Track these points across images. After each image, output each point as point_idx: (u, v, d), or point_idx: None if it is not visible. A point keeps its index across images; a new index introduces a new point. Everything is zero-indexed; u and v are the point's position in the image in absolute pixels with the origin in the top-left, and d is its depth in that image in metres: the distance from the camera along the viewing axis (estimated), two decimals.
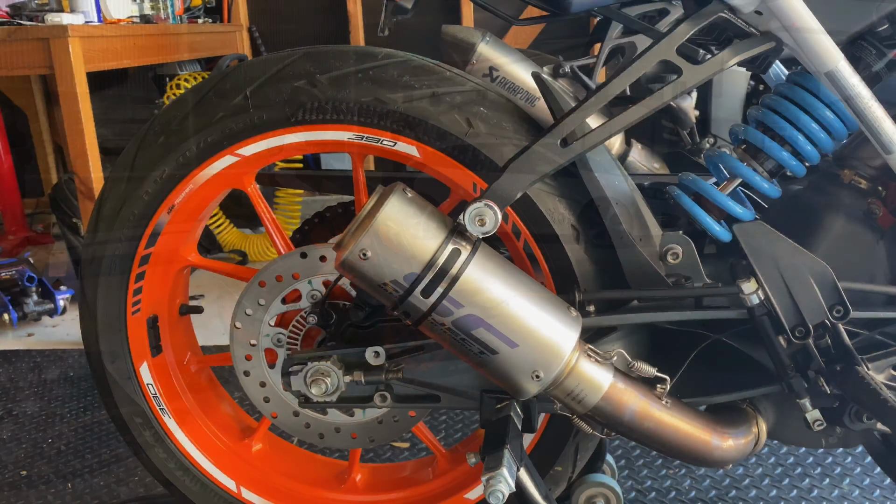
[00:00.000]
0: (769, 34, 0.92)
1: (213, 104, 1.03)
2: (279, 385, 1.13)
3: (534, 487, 0.98)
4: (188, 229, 1.15)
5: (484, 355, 0.88)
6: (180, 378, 1.22)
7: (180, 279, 1.22)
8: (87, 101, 2.20)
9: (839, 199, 1.04)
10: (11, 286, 2.48)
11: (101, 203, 1.10)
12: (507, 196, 0.91)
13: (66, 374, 2.17)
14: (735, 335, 1.01)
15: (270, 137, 1.03)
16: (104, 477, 1.64)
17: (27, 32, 2.14)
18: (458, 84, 1.00)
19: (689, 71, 0.92)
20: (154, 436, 1.19)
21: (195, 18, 3.30)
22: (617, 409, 0.92)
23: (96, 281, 1.11)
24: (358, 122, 1.01)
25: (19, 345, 2.39)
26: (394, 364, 1.01)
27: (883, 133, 0.90)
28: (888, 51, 0.96)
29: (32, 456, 1.74)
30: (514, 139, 1.00)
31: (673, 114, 1.68)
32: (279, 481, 1.24)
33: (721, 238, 1.01)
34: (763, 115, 1.01)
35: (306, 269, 1.07)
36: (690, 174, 1.06)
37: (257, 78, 1.02)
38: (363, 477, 1.26)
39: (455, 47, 1.40)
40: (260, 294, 1.09)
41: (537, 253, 1.03)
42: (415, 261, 0.85)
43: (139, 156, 1.07)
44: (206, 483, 1.21)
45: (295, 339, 1.11)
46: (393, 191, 0.87)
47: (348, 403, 1.05)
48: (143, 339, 1.16)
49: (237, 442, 1.24)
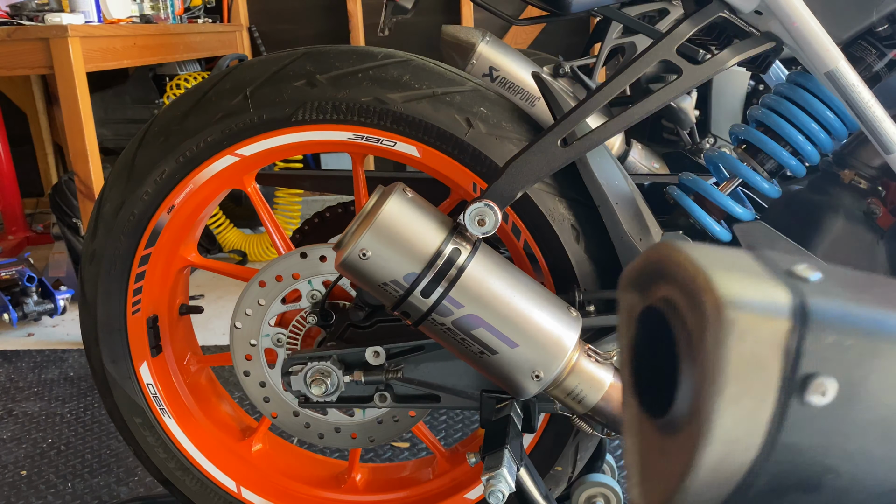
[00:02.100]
0: (769, 34, 0.92)
1: (213, 104, 1.04)
2: (279, 385, 1.13)
3: (534, 487, 0.98)
4: (188, 229, 1.15)
5: (484, 355, 0.88)
6: (180, 378, 1.22)
7: (180, 279, 1.22)
8: (87, 101, 2.20)
9: (839, 199, 1.04)
10: (11, 286, 2.48)
11: (101, 203, 1.10)
12: (507, 196, 0.91)
13: (66, 374, 2.17)
14: None
15: (270, 137, 1.03)
16: (104, 477, 1.64)
17: (27, 32, 2.14)
18: (458, 84, 1.01)
19: (689, 71, 0.92)
20: (154, 436, 1.19)
21: (195, 18, 3.30)
22: (617, 408, 0.92)
23: (96, 281, 1.11)
24: (358, 122, 1.01)
25: (19, 345, 2.39)
26: (394, 364, 1.01)
27: (883, 133, 0.90)
28: (888, 51, 0.96)
29: (32, 456, 1.74)
30: (514, 139, 1.00)
31: (673, 114, 1.68)
32: (279, 481, 1.24)
33: (721, 238, 1.01)
34: (763, 115, 1.01)
35: (306, 269, 1.07)
36: (690, 174, 1.06)
37: (257, 78, 1.02)
38: (363, 477, 1.26)
39: (455, 47, 1.40)
40: (260, 294, 1.09)
41: (537, 253, 1.03)
42: (415, 261, 0.85)
43: (139, 156, 1.07)
44: (206, 483, 1.21)
45: (295, 339, 1.11)
46: (393, 191, 0.87)
47: (348, 403, 1.05)
48: (143, 339, 1.16)
49: (237, 442, 1.24)
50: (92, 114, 2.24)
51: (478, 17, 3.39)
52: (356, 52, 1.02)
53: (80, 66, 2.17)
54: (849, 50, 0.95)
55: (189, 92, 1.06)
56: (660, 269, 0.41)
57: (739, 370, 0.35)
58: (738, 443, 0.36)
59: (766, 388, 0.36)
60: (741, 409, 0.35)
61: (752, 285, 0.36)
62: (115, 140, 3.21)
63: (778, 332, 0.35)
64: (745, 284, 0.36)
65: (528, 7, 1.01)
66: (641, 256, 0.43)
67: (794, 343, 0.35)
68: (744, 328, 0.35)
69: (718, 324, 0.35)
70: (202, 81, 1.07)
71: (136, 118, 3.17)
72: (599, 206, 0.98)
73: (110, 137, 3.20)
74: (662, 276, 0.41)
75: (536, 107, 1.36)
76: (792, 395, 0.36)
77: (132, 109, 3.20)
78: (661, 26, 1.70)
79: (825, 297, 0.37)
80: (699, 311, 0.36)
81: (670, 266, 0.39)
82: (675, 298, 0.39)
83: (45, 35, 2.13)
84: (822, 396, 0.36)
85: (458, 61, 1.39)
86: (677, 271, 0.39)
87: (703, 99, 1.80)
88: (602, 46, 1.75)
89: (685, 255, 0.38)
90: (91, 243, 1.11)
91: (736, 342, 0.35)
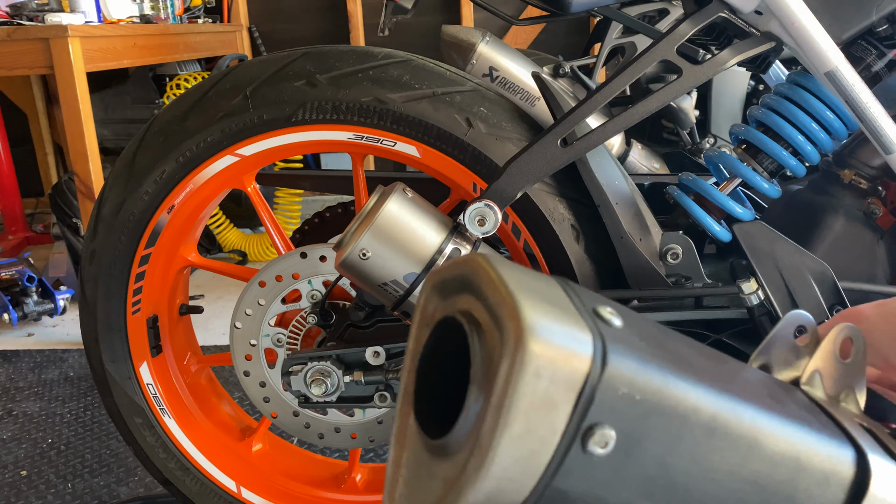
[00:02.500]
0: (769, 34, 0.92)
1: (213, 104, 1.04)
2: (279, 385, 1.13)
3: None
4: (188, 229, 1.15)
5: None
6: (180, 378, 1.22)
7: (180, 279, 1.22)
8: (87, 101, 2.20)
9: (839, 199, 1.04)
10: (11, 286, 2.48)
11: (100, 203, 1.10)
12: (507, 196, 0.91)
13: (66, 374, 2.17)
14: (735, 335, 1.01)
15: (270, 137, 1.03)
16: (104, 477, 1.64)
17: (27, 32, 2.14)
18: (458, 84, 1.01)
19: (689, 71, 0.92)
20: (154, 436, 1.19)
21: (195, 18, 3.30)
22: None
23: (96, 281, 1.11)
24: (358, 122, 1.01)
25: (19, 345, 2.39)
26: (394, 364, 1.01)
27: (883, 133, 0.90)
28: (888, 51, 0.96)
29: (32, 456, 1.74)
30: (514, 139, 1.00)
31: (673, 114, 1.68)
32: (279, 481, 1.24)
33: (721, 238, 1.01)
34: (763, 115, 1.01)
35: (306, 269, 1.07)
36: (690, 174, 1.06)
37: (257, 78, 1.02)
38: (363, 477, 1.26)
39: (455, 47, 1.40)
40: (260, 294, 1.09)
41: (537, 253, 1.03)
42: (415, 260, 0.85)
43: (139, 156, 1.07)
44: (206, 483, 1.21)
45: (295, 339, 1.11)
46: (393, 191, 0.87)
47: (348, 403, 1.05)
48: (143, 339, 1.16)
49: (237, 442, 1.24)
50: (92, 114, 2.24)
51: (478, 17, 3.39)
52: (356, 52, 1.02)
53: (80, 66, 2.17)
54: (849, 50, 0.95)
55: (189, 92, 1.06)
56: (469, 281, 0.38)
57: (530, 408, 0.33)
58: (511, 482, 0.34)
59: (551, 430, 0.33)
60: (522, 448, 0.33)
61: (559, 320, 0.34)
62: (115, 140, 3.21)
63: (575, 375, 0.33)
64: (552, 318, 0.34)
65: (528, 7, 1.02)
66: (452, 263, 0.40)
67: (589, 389, 0.33)
68: (542, 364, 0.32)
69: (518, 354, 0.32)
70: (202, 81, 1.07)
71: (136, 118, 3.17)
72: (599, 206, 0.98)
73: (110, 137, 3.20)
74: (470, 289, 0.38)
75: (536, 107, 1.36)
76: (574, 441, 0.34)
77: (132, 109, 3.20)
78: (661, 26, 1.70)
79: (624, 346, 0.35)
80: (500, 336, 0.34)
81: (481, 281, 0.37)
82: (479, 316, 0.37)
83: (45, 35, 2.13)
84: (602, 448, 0.34)
85: (458, 61, 1.39)
86: (487, 289, 0.36)
87: (703, 99, 1.80)
88: (602, 46, 1.75)
89: (498, 275, 0.36)
90: (91, 243, 1.11)
91: (532, 378, 0.32)
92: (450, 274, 0.40)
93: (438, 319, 0.41)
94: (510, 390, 0.32)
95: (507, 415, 0.32)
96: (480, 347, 0.36)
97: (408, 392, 0.42)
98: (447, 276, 0.41)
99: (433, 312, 0.42)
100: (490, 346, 0.35)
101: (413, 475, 0.39)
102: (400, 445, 0.41)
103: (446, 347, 0.40)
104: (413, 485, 0.39)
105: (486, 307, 0.36)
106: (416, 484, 0.39)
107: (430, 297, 0.42)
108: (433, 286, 0.42)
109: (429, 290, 0.42)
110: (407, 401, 0.42)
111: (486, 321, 0.36)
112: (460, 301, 0.39)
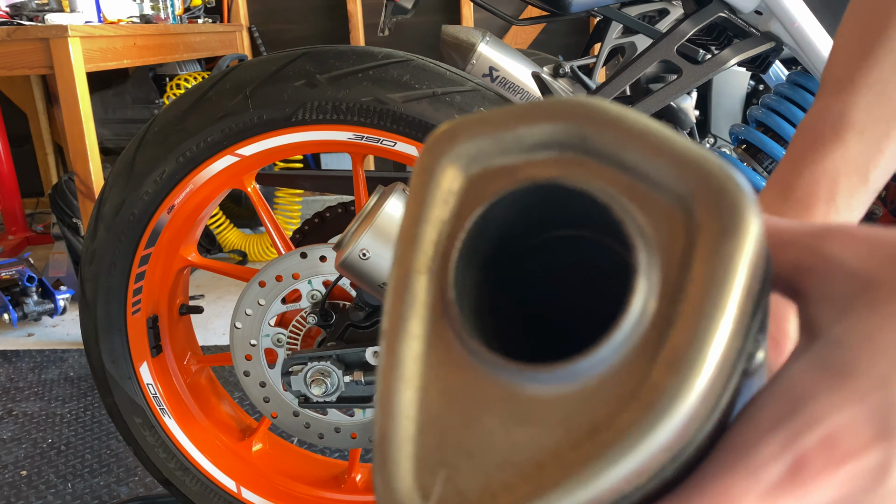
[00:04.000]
0: (769, 34, 0.92)
1: (213, 104, 1.04)
2: (279, 385, 1.13)
3: None
4: (188, 229, 1.15)
5: None
6: (180, 378, 1.22)
7: (180, 279, 1.22)
8: (87, 101, 2.20)
9: None
10: (11, 286, 2.48)
11: (101, 203, 1.10)
12: None
13: (66, 374, 2.17)
14: None
15: (270, 137, 1.04)
16: (104, 477, 1.64)
17: (27, 32, 2.14)
18: (458, 84, 1.01)
19: (689, 71, 0.92)
20: (154, 436, 1.19)
21: (195, 18, 3.30)
22: None
23: (96, 281, 1.11)
24: (358, 122, 1.01)
25: (19, 345, 2.39)
26: None
27: None
28: None
29: (32, 456, 1.74)
30: None
31: (673, 114, 1.68)
32: (279, 481, 1.24)
33: None
34: (763, 115, 1.01)
35: (306, 269, 1.07)
36: None
37: (257, 78, 1.02)
38: (363, 477, 1.26)
39: (455, 47, 1.40)
40: (260, 294, 1.09)
41: None
42: None
43: (139, 156, 1.07)
44: (206, 483, 1.21)
45: (295, 339, 1.11)
46: (393, 191, 0.87)
47: (348, 403, 1.05)
48: (143, 340, 1.16)
49: (237, 442, 1.24)
50: (92, 114, 2.23)
51: (478, 17, 3.39)
52: (356, 52, 1.02)
53: (80, 66, 2.17)
54: None
55: (189, 92, 1.07)
56: (596, 138, 0.24)
57: (742, 301, 0.23)
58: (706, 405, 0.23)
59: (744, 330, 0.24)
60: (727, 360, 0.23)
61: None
62: (115, 140, 3.21)
63: (760, 259, 0.24)
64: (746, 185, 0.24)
65: (528, 7, 1.01)
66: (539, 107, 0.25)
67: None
68: (761, 245, 0.23)
69: (743, 231, 0.23)
70: (202, 81, 1.07)
71: (136, 118, 3.17)
72: None
73: (110, 137, 3.20)
74: (598, 153, 0.25)
75: None
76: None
77: (132, 109, 3.20)
78: (661, 26, 1.70)
79: None
80: (705, 210, 0.23)
81: (630, 137, 0.24)
82: (620, 185, 0.24)
83: (45, 35, 2.13)
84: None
85: (458, 61, 1.39)
86: (646, 150, 0.24)
87: (703, 99, 1.80)
88: (602, 46, 1.75)
89: (659, 129, 0.24)
90: (91, 243, 1.11)
91: (753, 260, 0.23)
92: (538, 129, 0.25)
93: (513, 189, 0.25)
94: (737, 279, 0.23)
95: (729, 308, 0.22)
96: (650, 229, 0.24)
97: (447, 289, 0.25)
98: (535, 129, 0.25)
99: (510, 176, 0.26)
100: (670, 228, 0.24)
101: (464, 398, 0.24)
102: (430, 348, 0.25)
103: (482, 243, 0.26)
104: (466, 413, 0.24)
105: (649, 174, 0.24)
106: (473, 414, 0.24)
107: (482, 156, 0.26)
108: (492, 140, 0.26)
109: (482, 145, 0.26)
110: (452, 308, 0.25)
111: (643, 192, 0.24)
112: (569, 168, 0.25)
